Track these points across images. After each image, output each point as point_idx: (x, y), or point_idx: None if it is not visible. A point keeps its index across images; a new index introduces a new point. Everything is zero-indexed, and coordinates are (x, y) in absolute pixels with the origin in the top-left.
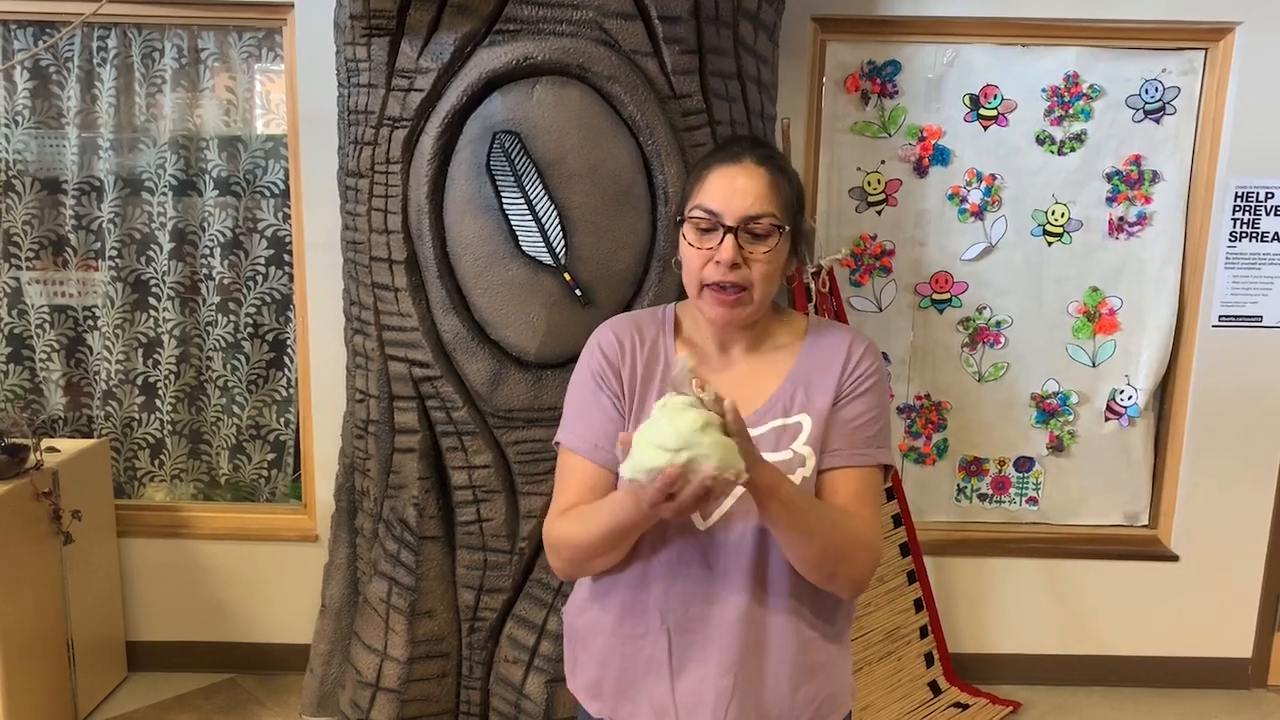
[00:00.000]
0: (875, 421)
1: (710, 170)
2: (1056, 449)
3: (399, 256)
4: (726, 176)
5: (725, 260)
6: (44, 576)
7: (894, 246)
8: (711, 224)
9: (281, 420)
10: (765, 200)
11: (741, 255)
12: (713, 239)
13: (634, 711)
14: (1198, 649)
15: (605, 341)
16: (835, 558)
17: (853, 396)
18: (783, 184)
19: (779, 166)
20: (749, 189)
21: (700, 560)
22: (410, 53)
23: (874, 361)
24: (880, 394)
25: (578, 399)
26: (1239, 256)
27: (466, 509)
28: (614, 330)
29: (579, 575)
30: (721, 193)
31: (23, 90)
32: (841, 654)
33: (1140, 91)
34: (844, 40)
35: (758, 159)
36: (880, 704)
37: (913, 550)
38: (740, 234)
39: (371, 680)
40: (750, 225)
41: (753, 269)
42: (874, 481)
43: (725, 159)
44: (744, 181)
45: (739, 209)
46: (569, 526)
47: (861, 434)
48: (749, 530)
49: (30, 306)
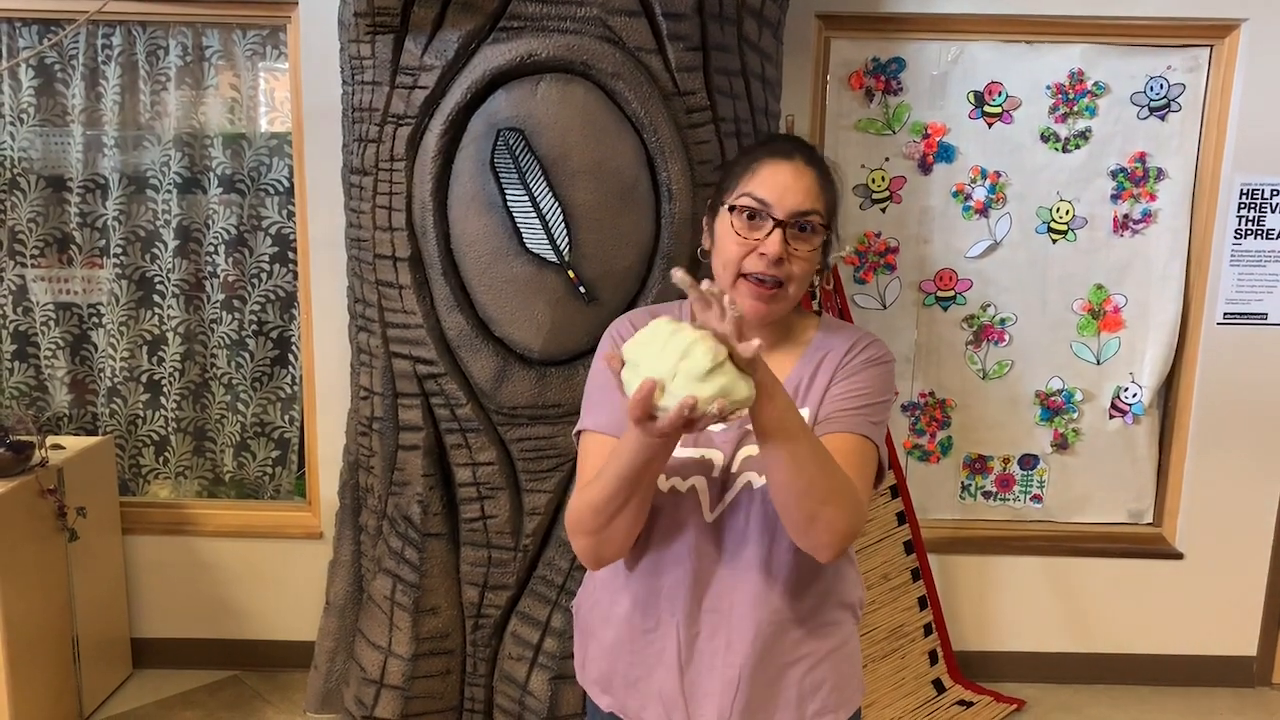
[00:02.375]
0: (866, 397)
1: (761, 162)
2: (1061, 447)
3: (403, 254)
4: (778, 171)
5: (772, 254)
6: (49, 573)
7: (898, 244)
8: (759, 214)
9: (286, 417)
10: (815, 199)
11: (786, 251)
12: (759, 230)
13: (643, 705)
14: (1202, 647)
15: (624, 332)
16: (819, 497)
17: (849, 373)
18: (829, 187)
19: (825, 170)
20: (799, 187)
21: (707, 551)
22: (414, 50)
23: (877, 350)
24: (879, 377)
25: (597, 387)
26: (1244, 254)
27: (471, 506)
28: (631, 321)
29: (603, 555)
30: (774, 184)
31: (28, 88)
32: (850, 647)
33: (1145, 88)
34: (848, 37)
35: (807, 159)
36: (884, 701)
37: (917, 548)
38: (788, 229)
39: (376, 677)
40: (800, 220)
41: (794, 265)
42: (862, 449)
43: (776, 154)
44: (794, 179)
45: (790, 204)
46: (585, 493)
47: (849, 404)
48: (755, 520)
49: (35, 304)
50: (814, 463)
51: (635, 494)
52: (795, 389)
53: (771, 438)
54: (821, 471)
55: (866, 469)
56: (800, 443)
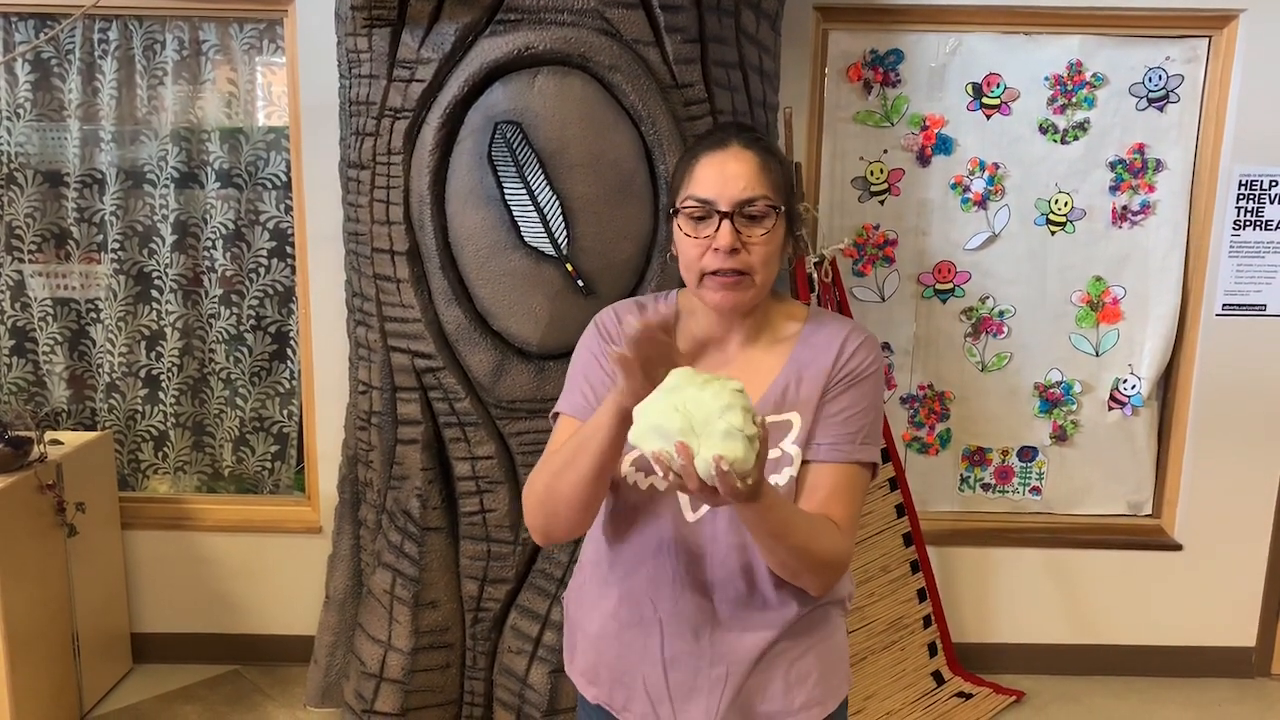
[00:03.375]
0: (862, 416)
1: (698, 159)
2: (1060, 439)
3: (401, 248)
4: (715, 163)
5: (724, 246)
6: (48, 569)
7: (897, 236)
8: (705, 212)
9: (284, 412)
10: (757, 183)
11: (740, 240)
12: (708, 227)
13: (629, 698)
14: (1201, 638)
15: (607, 321)
16: (799, 569)
17: (842, 389)
18: (773, 165)
19: (766, 148)
20: (739, 173)
21: (689, 551)
22: (411, 43)
23: (868, 355)
24: (871, 389)
25: (576, 371)
26: (1243, 245)
27: (470, 500)
28: (615, 310)
29: (554, 529)
30: (712, 180)
31: (24, 83)
32: (837, 639)
33: (1144, 79)
34: (846, 29)
35: (744, 142)
36: (884, 693)
37: (916, 540)
38: (736, 219)
39: (375, 671)
40: (745, 209)
41: (752, 253)
42: (855, 479)
43: (712, 145)
44: (734, 166)
45: (732, 194)
46: (541, 472)
47: (846, 429)
48: (737, 522)
49: (33, 299)
50: (796, 533)
51: (593, 466)
52: (782, 392)
53: (754, 526)
54: (803, 539)
55: (858, 497)
56: (782, 521)
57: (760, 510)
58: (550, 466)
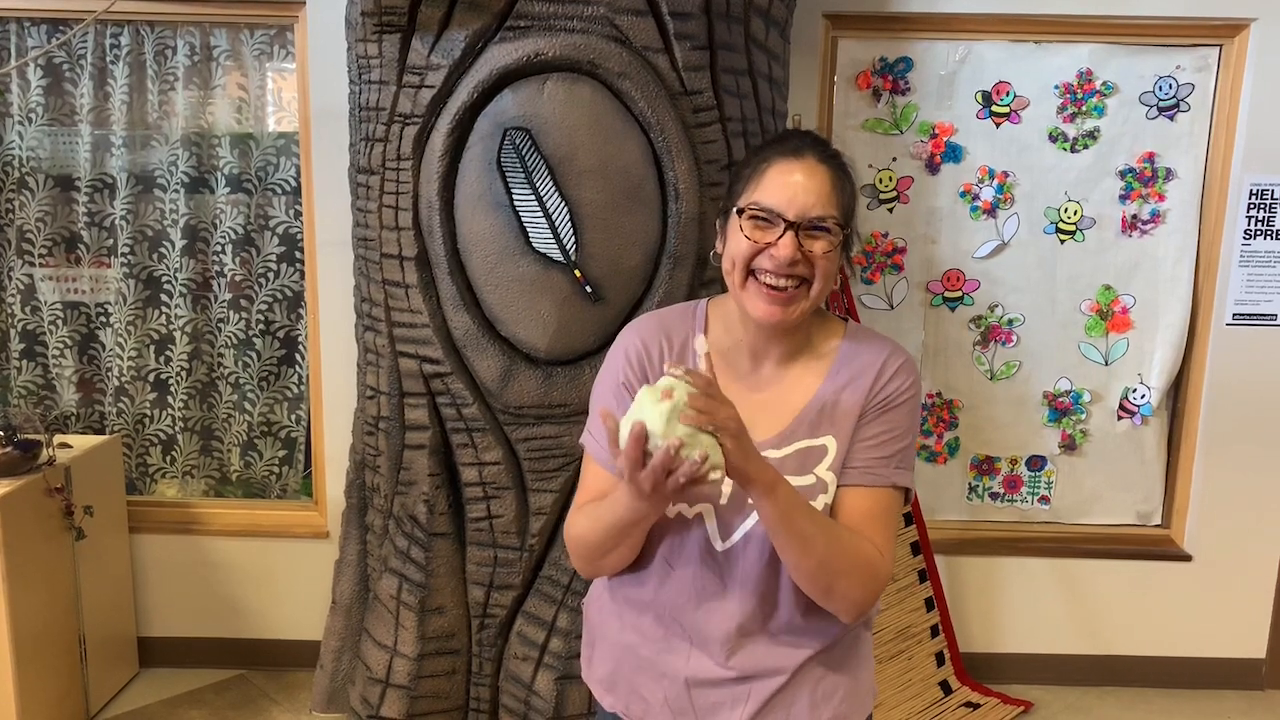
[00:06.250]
0: (897, 440)
1: (769, 164)
2: (1069, 448)
3: (410, 253)
4: (786, 172)
5: (784, 258)
6: (56, 572)
7: (905, 244)
8: (770, 219)
9: (293, 417)
10: (829, 202)
11: (801, 252)
12: (770, 233)
13: (647, 710)
14: (1211, 649)
15: (632, 348)
16: (832, 572)
17: (879, 412)
18: (846, 186)
19: (840, 166)
20: (811, 188)
21: (717, 578)
22: (421, 49)
23: (907, 379)
24: (908, 414)
25: (599, 398)
26: (1253, 254)
27: (477, 506)
28: (641, 336)
29: (596, 574)
30: (784, 189)
31: (36, 88)
32: (863, 653)
33: (1154, 88)
34: (856, 37)
35: (820, 156)
36: (891, 703)
37: (924, 549)
38: (800, 231)
39: (381, 676)
40: (814, 224)
41: (814, 266)
42: (889, 503)
43: (786, 153)
44: (805, 180)
45: (801, 208)
46: (580, 524)
47: (880, 452)
48: (768, 552)
49: (43, 303)
50: (824, 542)
51: (628, 539)
52: (819, 411)
53: (776, 529)
54: (832, 549)
55: (893, 521)
56: (806, 526)
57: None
58: (586, 518)
